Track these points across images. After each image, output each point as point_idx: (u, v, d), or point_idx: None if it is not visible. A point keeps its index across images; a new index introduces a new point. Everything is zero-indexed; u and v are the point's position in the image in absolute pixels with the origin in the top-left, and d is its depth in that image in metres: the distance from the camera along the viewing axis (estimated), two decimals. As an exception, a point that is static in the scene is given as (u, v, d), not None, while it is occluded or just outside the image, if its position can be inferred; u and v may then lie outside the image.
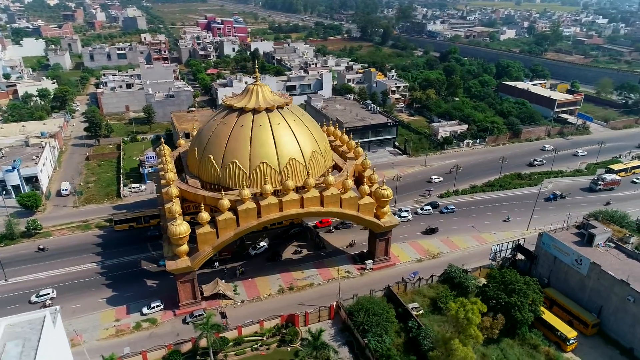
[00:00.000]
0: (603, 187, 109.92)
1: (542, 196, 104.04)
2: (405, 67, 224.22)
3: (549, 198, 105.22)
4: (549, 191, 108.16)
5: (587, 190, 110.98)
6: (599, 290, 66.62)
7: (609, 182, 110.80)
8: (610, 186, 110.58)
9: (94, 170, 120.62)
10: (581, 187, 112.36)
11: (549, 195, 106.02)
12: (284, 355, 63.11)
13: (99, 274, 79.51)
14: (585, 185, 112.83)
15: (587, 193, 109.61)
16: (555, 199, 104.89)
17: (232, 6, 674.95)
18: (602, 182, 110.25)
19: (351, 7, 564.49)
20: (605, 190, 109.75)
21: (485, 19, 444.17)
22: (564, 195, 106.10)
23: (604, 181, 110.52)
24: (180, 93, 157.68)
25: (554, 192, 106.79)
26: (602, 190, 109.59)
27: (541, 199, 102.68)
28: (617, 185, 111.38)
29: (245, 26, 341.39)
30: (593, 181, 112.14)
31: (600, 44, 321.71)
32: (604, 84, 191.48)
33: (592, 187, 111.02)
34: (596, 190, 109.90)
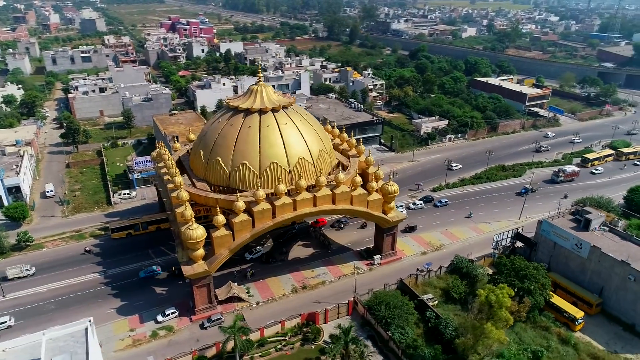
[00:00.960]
0: (564, 179, 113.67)
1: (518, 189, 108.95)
2: (377, 66, 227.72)
3: (521, 192, 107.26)
4: (534, 182, 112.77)
5: (549, 182, 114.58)
6: (600, 271, 70.79)
7: (569, 174, 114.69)
8: (570, 177, 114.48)
9: (77, 178, 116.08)
10: (544, 180, 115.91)
11: (520, 190, 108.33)
12: (309, 354, 63.48)
13: (103, 284, 76.99)
14: (547, 178, 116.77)
15: (549, 185, 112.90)
16: (527, 192, 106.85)
17: (191, 7, 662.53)
18: (562, 174, 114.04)
19: (313, 6, 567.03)
20: (566, 182, 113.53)
21: (445, 18, 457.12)
22: (534, 189, 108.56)
23: (565, 173, 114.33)
24: (159, 96, 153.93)
25: (525, 187, 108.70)
26: (563, 182, 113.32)
27: (516, 190, 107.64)
28: (576, 177, 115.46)
29: (211, 27, 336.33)
30: (554, 173, 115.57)
31: (555, 40, 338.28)
32: (566, 78, 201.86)
33: (553, 179, 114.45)
34: (557, 182, 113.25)
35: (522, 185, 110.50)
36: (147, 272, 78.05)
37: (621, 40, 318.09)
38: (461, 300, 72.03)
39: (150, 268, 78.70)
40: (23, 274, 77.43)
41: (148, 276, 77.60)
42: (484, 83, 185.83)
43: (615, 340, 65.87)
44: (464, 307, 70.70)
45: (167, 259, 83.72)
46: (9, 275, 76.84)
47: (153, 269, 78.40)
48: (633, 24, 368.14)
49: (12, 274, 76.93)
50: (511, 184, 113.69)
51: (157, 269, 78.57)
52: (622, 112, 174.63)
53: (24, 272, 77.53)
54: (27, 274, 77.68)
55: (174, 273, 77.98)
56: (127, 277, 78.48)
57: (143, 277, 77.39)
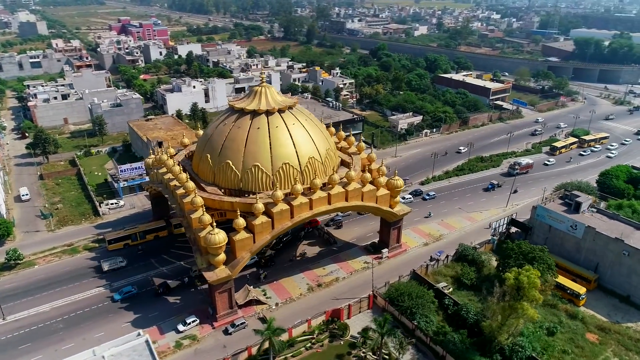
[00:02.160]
0: (519, 171, 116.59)
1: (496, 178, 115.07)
2: (341, 65, 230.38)
3: (488, 188, 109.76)
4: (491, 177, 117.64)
5: (505, 175, 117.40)
6: (595, 249, 76.54)
7: (524, 167, 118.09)
8: (525, 170, 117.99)
9: (54, 190, 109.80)
10: (501, 173, 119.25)
11: (487, 186, 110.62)
12: (340, 349, 64.29)
13: (111, 297, 73.78)
14: (503, 171, 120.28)
15: (506, 177, 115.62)
16: (494, 188, 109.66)
17: (134, 8, 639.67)
18: (518, 167, 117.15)
19: (263, 7, 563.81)
20: (521, 174, 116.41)
21: (395, 17, 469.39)
22: (500, 184, 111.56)
23: (520, 165, 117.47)
24: (129, 101, 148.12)
25: (492, 182, 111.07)
26: (519, 174, 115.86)
27: (483, 186, 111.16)
28: (530, 169, 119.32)
29: (165, 29, 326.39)
30: (511, 166, 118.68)
31: (501, 37, 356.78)
32: (521, 72, 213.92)
33: (510, 172, 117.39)
34: (514, 174, 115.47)
35: (498, 176, 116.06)
36: (123, 294, 72.99)
37: (560, 36, 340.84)
38: (472, 286, 75.50)
39: (126, 288, 73.89)
40: (117, 265, 79.78)
41: (125, 297, 72.68)
42: (448, 79, 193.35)
43: (615, 312, 71.59)
44: (475, 293, 74.28)
45: (173, 267, 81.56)
46: (105, 268, 79.13)
47: (130, 289, 73.66)
48: (569, 20, 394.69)
49: (108, 267, 79.23)
50: (491, 174, 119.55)
51: (134, 289, 73.92)
52: (574, 103, 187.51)
53: (118, 264, 80.00)
54: (120, 265, 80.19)
55: (158, 291, 73.39)
56: (137, 288, 75.57)
57: (119, 299, 72.37)
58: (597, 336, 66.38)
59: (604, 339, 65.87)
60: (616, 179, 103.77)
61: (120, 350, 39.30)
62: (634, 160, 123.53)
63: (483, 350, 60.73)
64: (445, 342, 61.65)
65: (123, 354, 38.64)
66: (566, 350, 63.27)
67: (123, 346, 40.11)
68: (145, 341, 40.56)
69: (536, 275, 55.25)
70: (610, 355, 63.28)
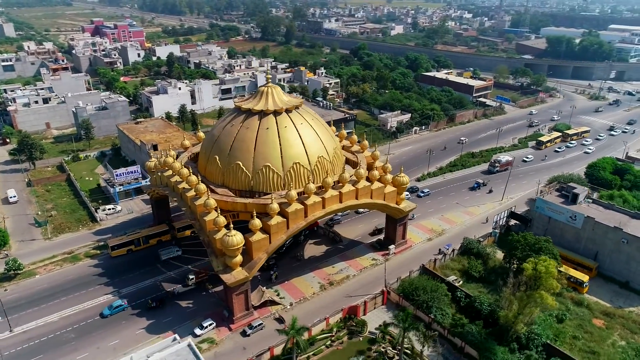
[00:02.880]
0: (500, 169, 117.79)
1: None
2: (324, 65, 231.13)
3: (474, 187, 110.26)
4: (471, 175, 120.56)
5: (486, 173, 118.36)
6: (594, 238, 79.66)
7: (504, 164, 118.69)
8: (505, 167, 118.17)
9: (45, 197, 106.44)
10: (481, 171, 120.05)
11: (473, 185, 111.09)
12: (359, 346, 64.91)
13: (100, 314, 71.62)
14: (483, 169, 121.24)
15: (487, 175, 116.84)
16: (479, 187, 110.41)
17: (104, 9, 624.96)
18: (498, 164, 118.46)
19: (237, 7, 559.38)
20: (501, 171, 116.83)
21: (370, 16, 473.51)
22: (485, 182, 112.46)
23: (500, 163, 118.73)
24: (115, 104, 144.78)
25: (477, 181, 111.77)
26: (499, 172, 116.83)
27: (468, 186, 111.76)
28: (510, 166, 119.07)
29: (141, 30, 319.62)
30: (491, 164, 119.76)
31: (475, 36, 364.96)
32: (500, 70, 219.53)
33: (490, 170, 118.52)
34: (494, 172, 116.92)
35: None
36: (114, 309, 69.41)
37: (531, 35, 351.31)
38: (480, 278, 77.40)
39: (116, 302, 70.38)
40: (174, 254, 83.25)
41: (115, 313, 69.28)
42: (432, 77, 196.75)
43: (616, 297, 74.76)
44: (484, 285, 76.25)
45: (180, 271, 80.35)
46: (162, 257, 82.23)
47: (120, 303, 70.21)
48: (539, 19, 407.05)
49: (165, 255, 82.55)
50: (483, 169, 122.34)
51: (124, 303, 70.60)
52: (552, 99, 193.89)
53: (175, 253, 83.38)
54: (177, 254, 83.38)
55: (150, 306, 70.33)
56: (145, 294, 74.22)
57: (109, 314, 69.01)
58: (603, 321, 69.23)
59: (610, 324, 68.75)
60: (603, 170, 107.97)
61: (164, 356, 38.62)
62: (613, 154, 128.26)
63: (499, 339, 62.40)
64: (464, 333, 63.09)
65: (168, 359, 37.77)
66: (576, 336, 65.77)
67: (167, 351, 39.48)
68: (187, 345, 40.01)
69: (553, 265, 57.21)
70: (618, 339, 66.09)
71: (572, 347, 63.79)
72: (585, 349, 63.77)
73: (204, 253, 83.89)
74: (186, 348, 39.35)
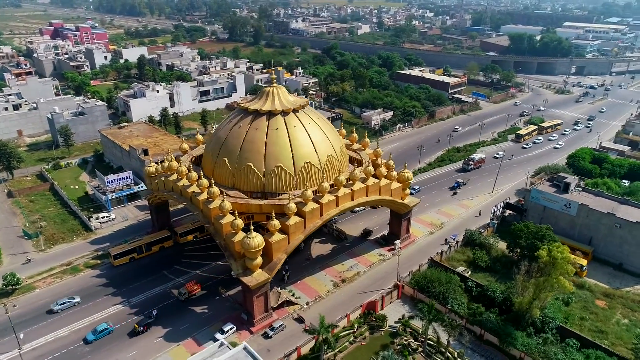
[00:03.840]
0: (474, 167, 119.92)
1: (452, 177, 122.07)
2: (298, 65, 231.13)
3: (453, 187, 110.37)
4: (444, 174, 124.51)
5: (460, 171, 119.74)
6: (588, 225, 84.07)
7: (478, 161, 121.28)
8: (478, 165, 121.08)
9: (30, 208, 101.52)
10: (456, 169, 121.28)
11: (453, 185, 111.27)
12: (382, 340, 65.92)
13: (133, 314, 70.18)
14: (458, 167, 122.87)
15: (461, 173, 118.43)
16: (459, 187, 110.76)
17: (56, 11, 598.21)
18: (472, 162, 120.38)
19: (199, 8, 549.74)
20: (475, 169, 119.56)
21: (335, 16, 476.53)
22: (465, 182, 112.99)
23: (474, 161, 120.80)
24: (93, 109, 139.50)
25: (457, 181, 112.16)
26: (473, 169, 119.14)
27: (448, 185, 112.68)
28: (483, 164, 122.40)
29: (105, 32, 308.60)
30: (465, 162, 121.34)
31: (440, 34, 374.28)
32: (470, 67, 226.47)
33: (464, 168, 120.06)
34: (468, 170, 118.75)
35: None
36: (98, 333, 64.71)
37: (492, 32, 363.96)
38: (487, 268, 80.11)
39: (100, 326, 65.51)
40: None
41: (100, 338, 64.66)
42: (407, 75, 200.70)
43: (613, 279, 79.23)
44: (491, 274, 79.03)
45: (189, 277, 78.83)
46: None
47: (105, 327, 65.60)
48: (498, 17, 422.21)
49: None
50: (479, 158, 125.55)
51: (109, 326, 66.11)
52: (521, 94, 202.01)
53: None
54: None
55: (137, 331, 65.58)
56: (156, 302, 72.44)
57: (93, 339, 64.28)
58: (605, 302, 73.31)
59: (611, 304, 72.89)
60: (583, 160, 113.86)
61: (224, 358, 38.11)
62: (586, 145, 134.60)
63: (515, 325, 64.90)
64: (483, 321, 65.21)
65: (227, 364, 37.35)
66: (583, 317, 69.40)
67: (225, 355, 38.95)
68: (243, 348, 39.65)
69: (567, 250, 60.14)
70: (620, 318, 70.19)
71: (582, 328, 67.20)
72: (593, 328, 67.38)
73: (208, 257, 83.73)
74: (242, 352, 38.89)
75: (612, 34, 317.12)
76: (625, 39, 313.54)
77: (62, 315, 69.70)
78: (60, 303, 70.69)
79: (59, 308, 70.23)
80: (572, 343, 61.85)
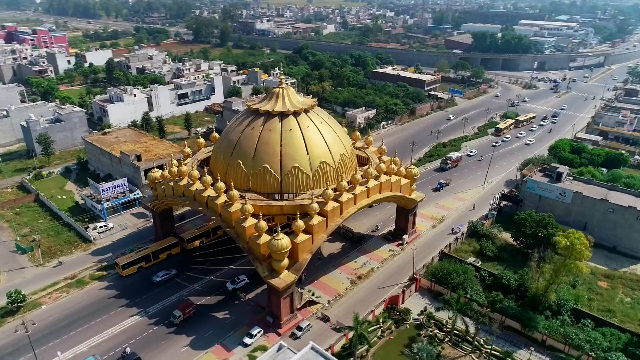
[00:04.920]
0: (451, 165, 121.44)
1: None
2: (271, 65, 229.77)
3: (437, 188, 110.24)
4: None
5: (438, 170, 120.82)
6: (583, 211, 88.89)
7: (455, 160, 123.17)
8: (455, 163, 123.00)
9: (18, 221, 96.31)
10: (434, 169, 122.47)
11: (436, 186, 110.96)
12: (409, 333, 67.29)
13: (152, 324, 68.27)
14: (436, 166, 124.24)
15: (440, 172, 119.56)
16: (442, 187, 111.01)
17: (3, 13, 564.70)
18: (449, 161, 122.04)
19: (157, 9, 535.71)
20: (452, 167, 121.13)
21: (298, 16, 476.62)
22: (448, 182, 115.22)
23: (451, 160, 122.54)
24: (71, 116, 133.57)
25: (440, 182, 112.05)
26: (450, 168, 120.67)
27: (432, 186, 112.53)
28: (460, 162, 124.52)
29: (64, 35, 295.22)
30: (443, 161, 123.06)
31: (403, 33, 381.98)
32: (441, 64, 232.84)
33: (442, 167, 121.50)
34: (446, 169, 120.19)
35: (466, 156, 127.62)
36: None
37: (454, 31, 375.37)
38: (494, 257, 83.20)
39: None
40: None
41: None
42: (383, 74, 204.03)
43: (609, 261, 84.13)
44: (499, 262, 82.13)
45: (204, 283, 77.55)
46: None
47: None
48: (458, 16, 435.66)
49: None
50: (457, 157, 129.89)
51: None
52: (492, 89, 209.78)
53: None
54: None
55: None
56: (170, 311, 70.62)
57: None
58: (607, 283, 77.83)
59: (613, 284, 77.52)
60: (563, 150, 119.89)
61: (294, 359, 38.13)
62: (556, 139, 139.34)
63: (532, 310, 67.89)
64: (505, 308, 67.78)
65: (298, 364, 37.45)
66: (591, 298, 73.44)
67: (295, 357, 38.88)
68: (311, 348, 39.73)
69: (583, 236, 63.54)
70: (623, 297, 74.79)
71: (591, 308, 71.03)
72: (601, 308, 71.42)
73: (219, 262, 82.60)
74: (311, 351, 39.02)
75: (565, 31, 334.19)
76: (577, 36, 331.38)
77: (79, 329, 66.84)
78: (161, 275, 77.05)
79: (161, 279, 76.56)
80: (588, 323, 65.38)
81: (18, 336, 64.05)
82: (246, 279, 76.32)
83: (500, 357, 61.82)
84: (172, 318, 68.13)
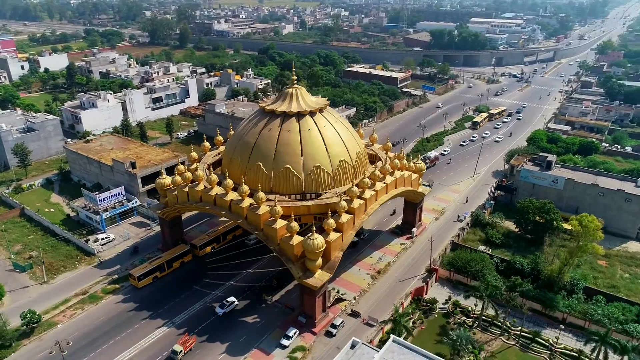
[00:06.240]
0: (429, 164, 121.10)
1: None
2: (238, 66, 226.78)
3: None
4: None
5: None
6: (574, 196, 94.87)
7: (433, 159, 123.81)
8: (433, 162, 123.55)
9: (7, 238, 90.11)
10: None
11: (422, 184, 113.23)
12: (438, 322, 69.52)
13: (183, 334, 66.31)
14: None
15: None
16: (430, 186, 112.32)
17: None
18: (428, 160, 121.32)
19: (105, 10, 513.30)
20: (431, 166, 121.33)
21: (254, 17, 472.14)
22: (430, 184, 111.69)
23: (429, 159, 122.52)
24: (45, 125, 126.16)
25: (423, 183, 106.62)
26: (429, 167, 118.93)
27: None
28: (437, 161, 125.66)
29: (11, 39, 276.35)
30: (422, 160, 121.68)
31: (361, 32, 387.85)
32: (407, 62, 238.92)
33: None
34: (426, 167, 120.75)
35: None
36: None
37: (410, 29, 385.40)
38: (501, 244, 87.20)
39: None
40: None
41: None
42: (355, 72, 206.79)
43: (602, 242, 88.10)
44: (505, 249, 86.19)
45: (224, 289, 76.19)
46: None
47: None
48: (412, 14, 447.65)
49: None
50: (441, 150, 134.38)
51: None
52: (458, 85, 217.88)
53: None
54: None
55: None
56: (203, 319, 69.30)
57: None
58: (605, 262, 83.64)
59: (611, 262, 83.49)
60: (541, 140, 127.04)
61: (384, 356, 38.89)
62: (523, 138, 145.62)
63: (548, 290, 71.99)
64: (525, 291, 71.37)
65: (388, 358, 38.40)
66: (595, 276, 78.74)
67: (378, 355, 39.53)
68: (392, 340, 40.54)
69: (595, 219, 68.14)
70: (622, 273, 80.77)
71: (597, 285, 76.26)
72: (606, 285, 76.82)
73: (236, 267, 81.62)
74: (393, 344, 39.87)
75: (514, 28, 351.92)
76: (526, 32, 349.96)
77: (105, 346, 64.00)
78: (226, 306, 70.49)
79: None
80: (600, 299, 70.24)
81: (42, 357, 60.47)
82: (236, 301, 71.70)
83: (530, 337, 65.22)
84: (172, 354, 61.83)
